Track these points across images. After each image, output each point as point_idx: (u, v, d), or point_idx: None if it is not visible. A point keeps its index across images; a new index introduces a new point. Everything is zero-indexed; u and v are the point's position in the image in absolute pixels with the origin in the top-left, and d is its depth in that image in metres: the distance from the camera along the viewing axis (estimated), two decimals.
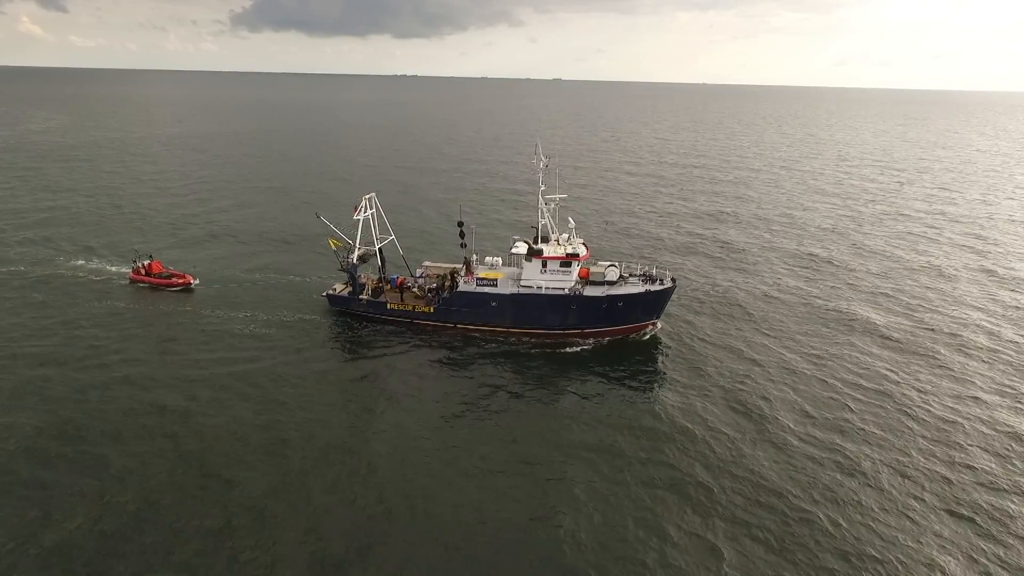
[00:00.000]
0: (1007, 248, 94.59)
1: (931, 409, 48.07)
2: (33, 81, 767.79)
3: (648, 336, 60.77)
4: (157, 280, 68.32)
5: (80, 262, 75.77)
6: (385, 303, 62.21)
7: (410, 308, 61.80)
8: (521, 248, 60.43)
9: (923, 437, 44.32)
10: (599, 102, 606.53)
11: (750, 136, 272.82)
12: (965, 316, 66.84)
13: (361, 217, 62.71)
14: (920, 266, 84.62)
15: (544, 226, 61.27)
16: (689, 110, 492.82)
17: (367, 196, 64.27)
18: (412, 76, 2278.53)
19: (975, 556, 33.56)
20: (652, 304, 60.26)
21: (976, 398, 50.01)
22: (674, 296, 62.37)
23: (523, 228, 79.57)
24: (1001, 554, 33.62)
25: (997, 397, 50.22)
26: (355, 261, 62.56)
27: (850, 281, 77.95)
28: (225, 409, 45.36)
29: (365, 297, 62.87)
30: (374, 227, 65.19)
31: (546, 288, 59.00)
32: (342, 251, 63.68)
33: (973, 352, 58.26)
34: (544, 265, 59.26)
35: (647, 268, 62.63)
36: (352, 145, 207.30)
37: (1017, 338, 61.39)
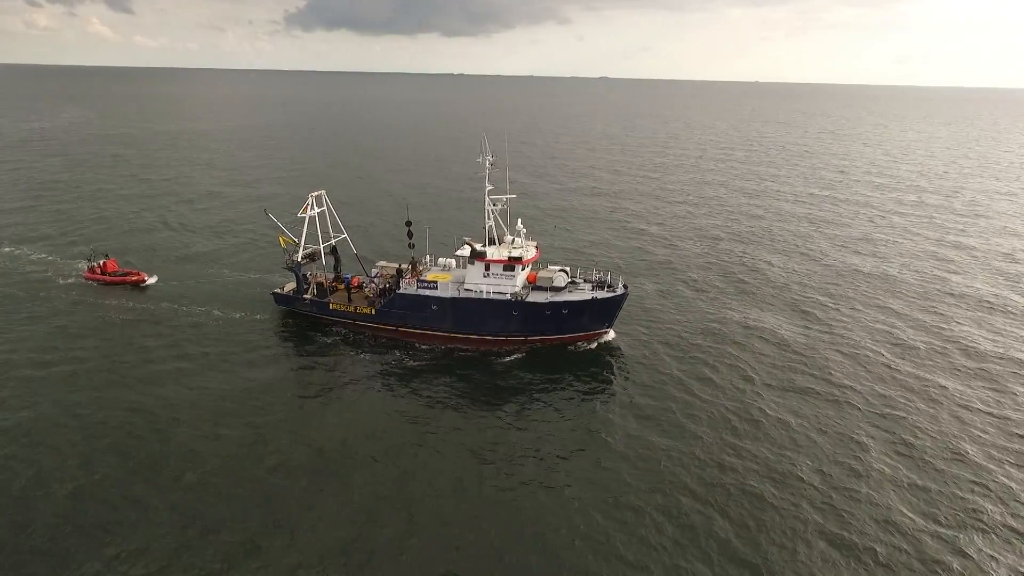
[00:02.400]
0: None
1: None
2: (104, 80, 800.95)
3: (595, 345, 57.40)
4: (112, 279, 68.41)
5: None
6: (328, 303, 60.64)
7: (352, 309, 60.02)
8: (466, 251, 57.99)
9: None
10: (637, 100, 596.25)
11: (792, 135, 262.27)
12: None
13: (307, 215, 61.30)
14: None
15: (491, 228, 58.66)
16: (734, 108, 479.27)
17: (314, 194, 62.79)
18: (458, 75, 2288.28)
19: None
20: (601, 312, 56.84)
21: None
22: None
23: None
24: None
25: None
26: (299, 260, 61.20)
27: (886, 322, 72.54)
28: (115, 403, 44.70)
29: (309, 297, 61.45)
30: (328, 225, 63.82)
31: (489, 292, 56.34)
32: (289, 249, 62.46)
33: None
34: (487, 268, 56.57)
35: (601, 274, 59.26)
36: (384, 142, 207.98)
37: None
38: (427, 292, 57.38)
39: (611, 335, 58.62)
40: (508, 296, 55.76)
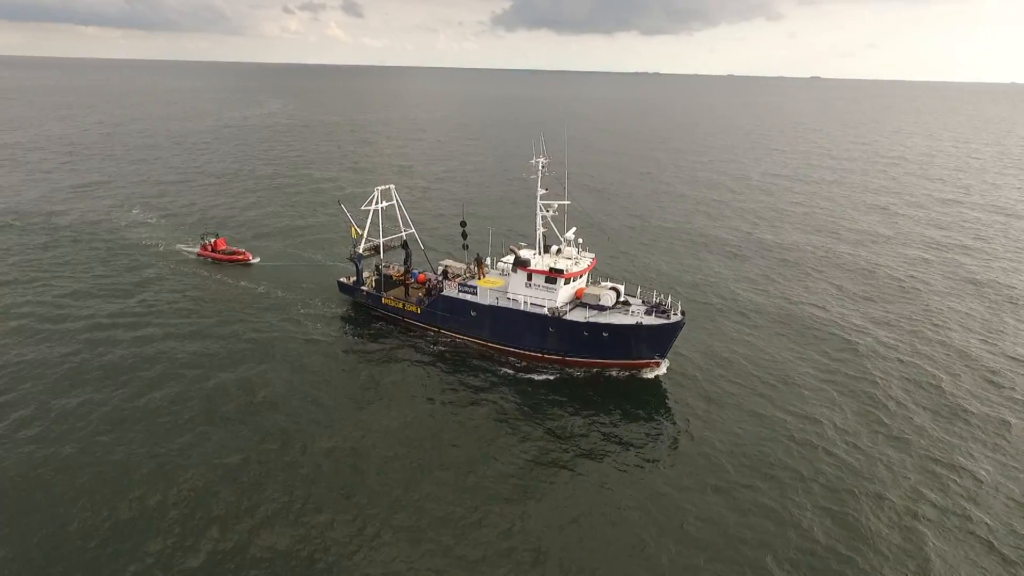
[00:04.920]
0: None
1: None
2: (338, 77, 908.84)
3: (640, 376, 50.72)
4: (221, 256, 75.24)
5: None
6: (381, 297, 60.87)
7: (401, 306, 59.64)
8: (512, 258, 54.46)
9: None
10: (859, 104, 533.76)
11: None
12: None
13: (371, 208, 61.99)
14: None
15: (543, 235, 54.57)
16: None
17: (381, 188, 63.23)
18: (653, 74, 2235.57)
19: None
20: (648, 340, 50.09)
21: None
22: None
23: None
24: None
25: None
26: (360, 252, 62.10)
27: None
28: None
29: (366, 289, 62.22)
30: (398, 219, 64.17)
31: (527, 304, 52.42)
32: (355, 241, 63.71)
33: None
34: (529, 278, 52.71)
35: (661, 297, 52.36)
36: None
37: None
38: (467, 297, 55.05)
39: (663, 368, 51.55)
40: (546, 310, 51.40)
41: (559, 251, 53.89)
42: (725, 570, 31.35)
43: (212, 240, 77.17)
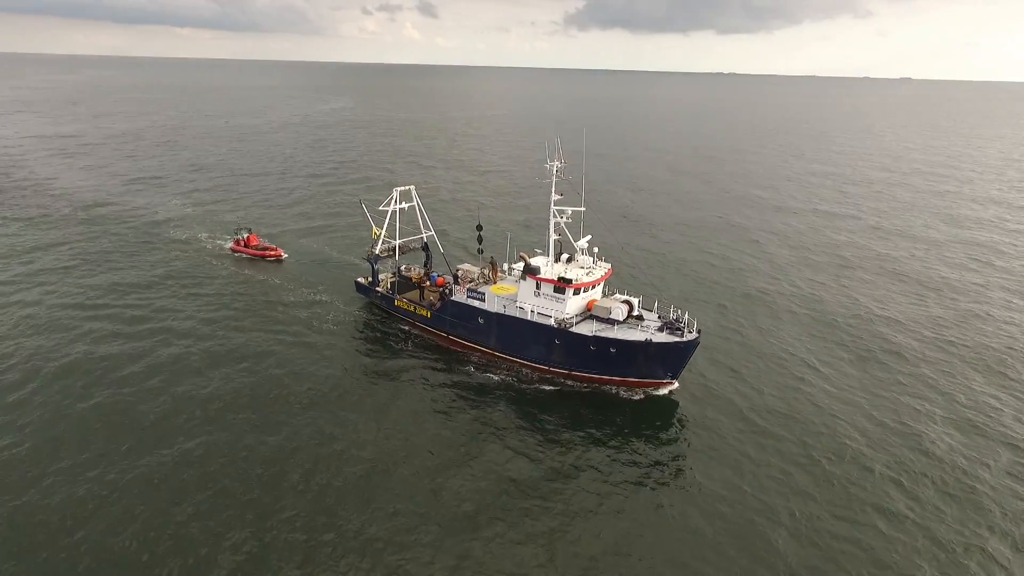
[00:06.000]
0: None
1: None
2: (406, 75, 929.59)
3: (648, 396, 47.73)
4: (253, 251, 76.58)
5: None
6: (394, 299, 60.11)
7: (412, 309, 58.69)
8: (535, 263, 52.05)
9: None
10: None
11: None
12: None
13: (388, 209, 61.32)
14: None
15: (558, 242, 52.33)
16: None
17: (399, 189, 62.37)
18: (729, 74, 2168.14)
19: None
20: (659, 357, 47.01)
21: None
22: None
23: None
24: None
25: None
26: (376, 252, 61.56)
27: None
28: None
29: (380, 290, 61.64)
30: (419, 221, 63.40)
31: (534, 314, 50.30)
32: (375, 241, 63.24)
33: None
34: (537, 287, 50.57)
35: (677, 313, 49.09)
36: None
37: None
38: (474, 303, 53.44)
39: (674, 387, 48.35)
40: (552, 321, 49.14)
41: (570, 259, 51.51)
42: None
43: (245, 235, 78.56)
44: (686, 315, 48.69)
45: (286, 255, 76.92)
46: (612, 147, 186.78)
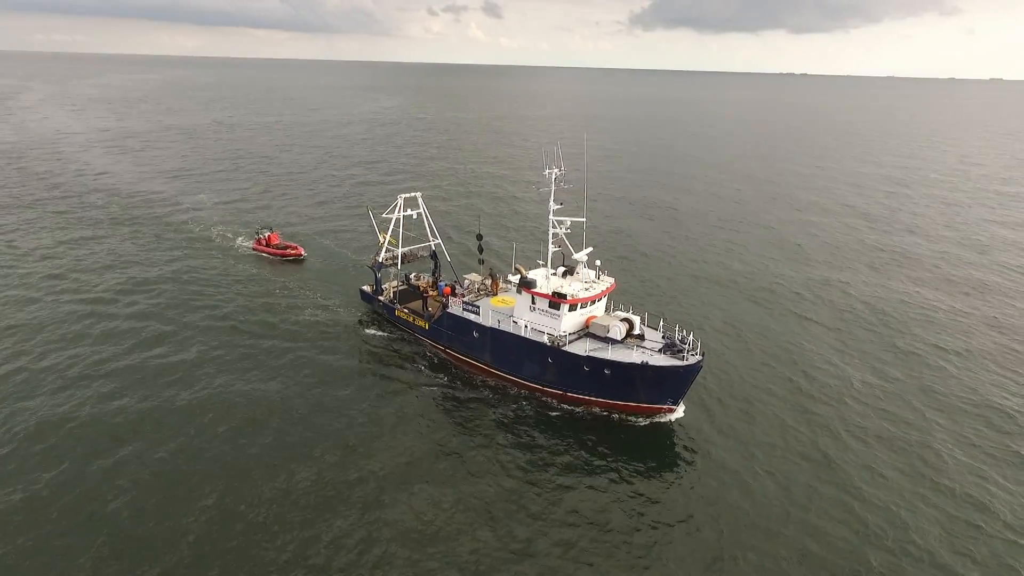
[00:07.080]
0: None
1: None
2: (468, 75, 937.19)
3: (649, 422, 44.00)
4: (274, 251, 76.55)
5: None
6: (395, 308, 58.31)
7: (411, 319, 56.73)
8: (532, 276, 49.06)
9: None
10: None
11: None
12: None
13: (393, 216, 59.59)
14: None
15: (556, 254, 49.31)
16: None
17: (405, 196, 60.44)
18: (801, 75, 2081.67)
19: None
20: (657, 381, 43.27)
21: None
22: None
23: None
24: None
25: None
26: (379, 260, 59.96)
27: None
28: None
29: (382, 299, 59.99)
30: (427, 228, 61.51)
31: (527, 330, 47.37)
32: (379, 249, 61.60)
33: None
34: (533, 301, 47.64)
35: (683, 334, 45.22)
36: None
37: None
38: (469, 316, 50.94)
39: (676, 413, 44.50)
40: (545, 339, 46.10)
41: (569, 272, 48.32)
42: None
43: (266, 234, 78.53)
44: (691, 336, 44.75)
45: (306, 254, 76.52)
46: (655, 149, 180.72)
